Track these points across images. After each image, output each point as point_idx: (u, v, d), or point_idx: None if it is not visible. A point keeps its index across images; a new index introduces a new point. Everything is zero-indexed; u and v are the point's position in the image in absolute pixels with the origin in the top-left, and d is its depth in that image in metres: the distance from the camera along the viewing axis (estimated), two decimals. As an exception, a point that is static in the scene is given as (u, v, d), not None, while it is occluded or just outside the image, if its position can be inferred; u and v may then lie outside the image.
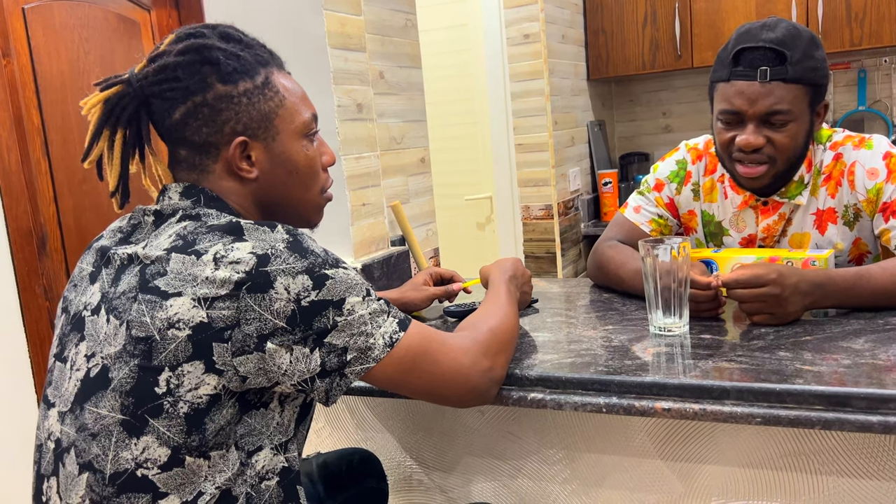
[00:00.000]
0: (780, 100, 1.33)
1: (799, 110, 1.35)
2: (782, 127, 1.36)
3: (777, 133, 1.36)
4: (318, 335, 0.91)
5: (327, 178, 1.14)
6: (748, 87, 1.35)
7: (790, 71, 1.32)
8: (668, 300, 1.23)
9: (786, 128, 1.36)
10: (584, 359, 1.16)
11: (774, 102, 1.33)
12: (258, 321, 0.88)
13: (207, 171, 1.03)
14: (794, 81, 1.33)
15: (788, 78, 1.32)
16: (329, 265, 0.93)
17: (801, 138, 1.39)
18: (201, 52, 1.00)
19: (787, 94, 1.33)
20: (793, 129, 1.36)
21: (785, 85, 1.33)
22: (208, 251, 0.91)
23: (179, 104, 1.00)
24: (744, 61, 1.35)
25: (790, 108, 1.34)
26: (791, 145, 1.37)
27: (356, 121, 1.60)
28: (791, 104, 1.34)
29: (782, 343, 1.14)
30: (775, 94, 1.33)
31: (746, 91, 1.35)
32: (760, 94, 1.34)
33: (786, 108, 1.34)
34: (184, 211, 1.00)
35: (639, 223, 1.62)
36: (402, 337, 0.96)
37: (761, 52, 1.33)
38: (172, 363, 0.87)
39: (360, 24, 1.61)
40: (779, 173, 1.41)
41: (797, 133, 1.37)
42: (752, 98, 1.34)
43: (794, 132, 1.36)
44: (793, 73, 1.32)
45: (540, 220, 3.11)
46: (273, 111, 1.04)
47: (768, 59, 1.33)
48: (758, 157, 1.38)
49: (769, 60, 1.33)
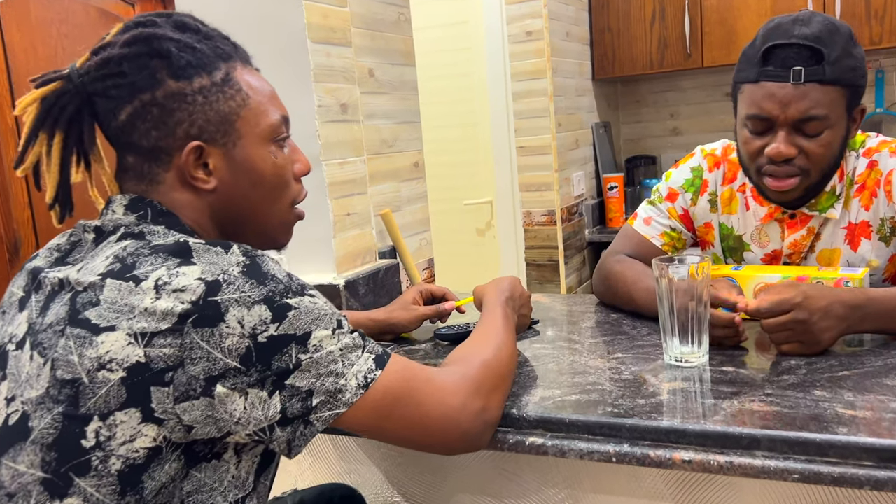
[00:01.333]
0: (817, 104, 1.18)
1: (836, 116, 1.21)
2: (817, 135, 1.21)
3: (811, 142, 1.22)
4: (279, 376, 0.77)
5: (300, 189, 1.00)
6: (780, 89, 1.20)
7: (828, 71, 1.17)
8: (686, 327, 1.09)
9: (821, 136, 1.21)
10: (591, 396, 1.02)
11: (810, 107, 1.19)
12: (206, 361, 0.75)
13: (157, 180, 0.89)
14: (831, 83, 1.18)
15: (826, 79, 1.18)
16: (292, 293, 0.80)
17: (837, 147, 1.24)
18: (150, 42, 0.86)
19: (824, 98, 1.19)
20: (828, 137, 1.22)
21: (822, 87, 1.18)
22: (149, 277, 0.77)
23: (125, 103, 0.86)
24: (775, 60, 1.20)
25: (827, 112, 1.19)
26: (826, 155, 1.23)
27: (340, 122, 1.45)
28: (828, 109, 1.19)
29: (817, 379, 1.00)
30: (811, 97, 1.18)
31: (778, 94, 1.20)
32: (794, 97, 1.19)
33: (822, 114, 1.19)
34: (126, 228, 0.86)
35: (649, 236, 1.47)
36: (379, 377, 0.83)
37: (795, 49, 1.19)
38: (103, 411, 0.74)
39: (346, 16, 1.47)
40: (811, 185, 1.27)
41: (832, 141, 1.22)
42: (785, 102, 1.20)
43: (829, 140, 1.22)
44: (831, 73, 1.18)
45: (542, 226, 2.97)
46: (234, 112, 0.90)
47: (803, 57, 1.18)
48: (789, 168, 1.24)
49: (804, 59, 1.18)
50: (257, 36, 1.38)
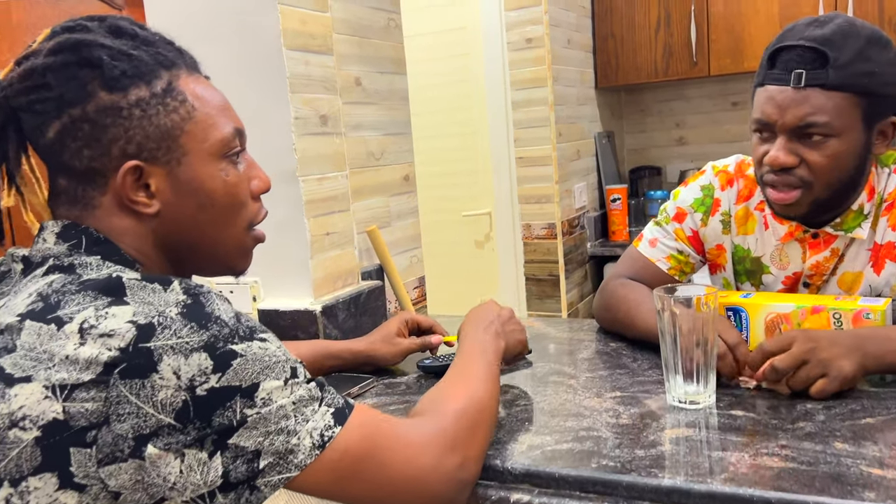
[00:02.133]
0: (818, 110, 1.09)
1: (843, 124, 1.10)
2: (820, 144, 1.11)
3: (813, 151, 1.12)
4: (220, 435, 0.67)
5: (258, 209, 0.89)
6: (779, 93, 1.11)
7: (832, 75, 1.08)
8: (691, 364, 0.99)
9: (825, 145, 1.11)
10: (585, 444, 0.91)
11: (809, 112, 1.09)
12: (135, 417, 0.65)
13: (93, 205, 0.79)
14: (836, 88, 1.08)
15: (829, 84, 1.08)
16: (239, 338, 0.70)
17: (848, 160, 1.13)
18: (79, 50, 0.76)
19: (827, 104, 1.09)
20: (834, 147, 1.11)
21: (825, 92, 1.08)
22: (73, 319, 0.67)
23: (52, 119, 0.76)
24: (780, 62, 1.12)
25: (829, 120, 1.09)
26: (830, 167, 1.12)
27: (319, 135, 1.36)
28: (831, 116, 1.09)
29: (836, 427, 0.90)
30: (811, 102, 1.09)
31: (777, 98, 1.11)
32: (793, 101, 1.10)
33: (822, 121, 1.09)
34: (55, 259, 0.76)
35: (654, 259, 1.37)
36: (338, 434, 0.72)
37: (799, 51, 1.10)
38: (14, 476, 0.64)
39: (327, 21, 1.37)
40: (818, 200, 1.16)
41: (840, 153, 1.12)
42: (783, 106, 1.11)
43: (835, 151, 1.11)
44: (835, 77, 1.08)
45: (542, 239, 2.86)
46: (177, 126, 0.80)
47: (806, 60, 1.09)
48: (788, 178, 1.14)
49: (807, 62, 1.09)
50: (229, 43, 1.28)
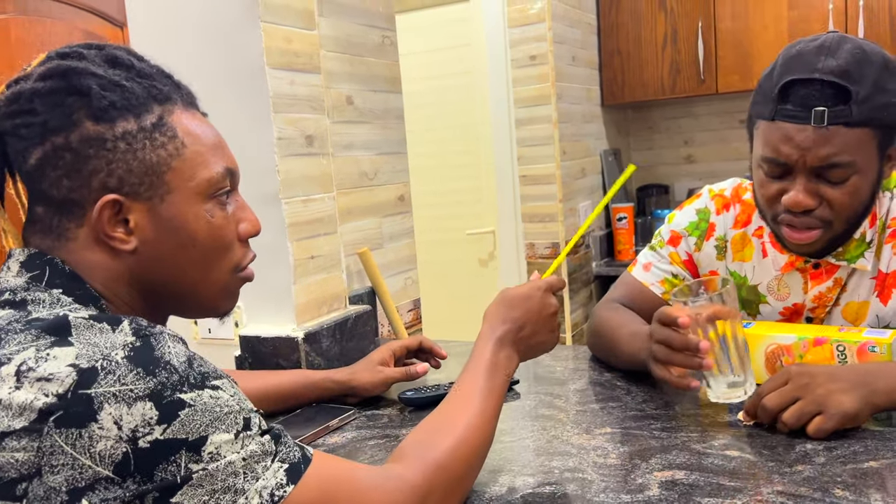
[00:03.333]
0: (842, 149, 1.01)
1: (865, 160, 1.04)
2: (842, 182, 1.04)
3: (835, 190, 1.05)
4: (162, 492, 0.62)
5: (245, 253, 0.85)
6: (799, 132, 1.03)
7: (855, 112, 1.00)
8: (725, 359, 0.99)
9: (846, 183, 1.04)
10: (569, 487, 0.86)
11: (834, 153, 1.02)
12: (70, 469, 0.60)
13: (67, 237, 0.76)
14: (860, 125, 1.01)
15: (853, 121, 1.00)
16: (188, 386, 0.65)
17: (866, 193, 1.07)
18: (68, 77, 0.73)
19: (851, 142, 1.01)
20: (855, 184, 1.05)
21: (848, 130, 1.01)
22: (12, 360, 0.63)
23: (35, 146, 0.74)
24: (794, 98, 1.03)
25: (853, 158, 1.02)
26: (852, 204, 1.06)
27: (304, 156, 1.32)
28: (855, 153, 1.02)
29: (837, 472, 0.84)
30: (835, 141, 1.01)
31: (797, 137, 1.03)
32: (815, 141, 1.02)
33: (847, 160, 1.02)
34: (11, 293, 0.72)
35: (648, 283, 1.32)
36: (291, 493, 0.67)
37: (817, 86, 1.01)
38: (-61, 530, 0.59)
39: (314, 39, 1.34)
40: (836, 237, 1.11)
41: (860, 188, 1.06)
42: (805, 146, 1.03)
43: (856, 187, 1.05)
44: (859, 114, 1.00)
45: (546, 258, 2.81)
46: (164, 162, 0.76)
47: (826, 96, 1.01)
48: (809, 220, 1.07)
49: (828, 98, 1.01)
50: (210, 61, 1.25)
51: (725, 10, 2.87)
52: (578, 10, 2.93)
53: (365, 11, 1.62)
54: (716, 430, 0.98)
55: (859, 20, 2.67)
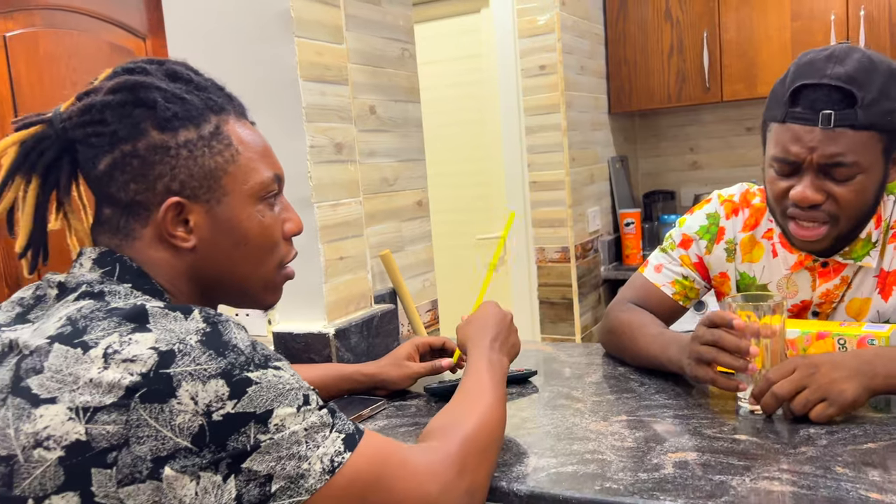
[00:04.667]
0: (847, 149, 1.09)
1: (869, 161, 1.11)
2: (848, 180, 1.12)
3: (841, 187, 1.13)
4: (234, 459, 0.70)
5: (289, 250, 0.94)
6: (807, 132, 1.11)
7: (861, 115, 1.08)
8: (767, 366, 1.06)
9: (852, 181, 1.12)
10: (590, 467, 0.93)
11: (839, 152, 1.10)
12: (154, 440, 0.68)
13: (133, 236, 0.84)
14: (865, 128, 1.09)
15: (858, 124, 1.08)
16: (254, 366, 0.73)
17: (871, 193, 1.15)
18: (136, 91, 0.82)
19: (856, 143, 1.09)
20: (861, 183, 1.12)
21: (854, 132, 1.09)
22: (99, 344, 0.71)
23: (105, 153, 0.82)
24: (803, 101, 1.11)
25: (858, 159, 1.10)
26: (857, 202, 1.14)
27: (334, 163, 1.40)
28: (860, 154, 1.10)
29: (839, 453, 0.91)
30: (840, 142, 1.09)
31: (805, 137, 1.11)
32: (822, 141, 1.10)
33: (852, 160, 1.10)
34: (87, 286, 0.80)
35: (659, 284, 1.39)
36: (348, 460, 0.75)
37: (825, 91, 1.09)
38: (38, 494, 0.67)
39: (342, 53, 1.42)
40: (842, 234, 1.18)
41: (866, 187, 1.13)
42: (812, 146, 1.11)
43: (861, 186, 1.13)
44: (864, 118, 1.08)
45: (556, 263, 2.88)
46: (221, 168, 0.84)
47: (834, 100, 1.09)
48: (816, 214, 1.15)
49: (835, 102, 1.09)
50: (247, 73, 1.33)
51: (730, 20, 2.95)
52: (586, 21, 3.01)
53: (386, 25, 1.70)
54: (725, 417, 1.06)
55: (860, 30, 2.75)
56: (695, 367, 1.09)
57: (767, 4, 2.88)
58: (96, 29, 2.61)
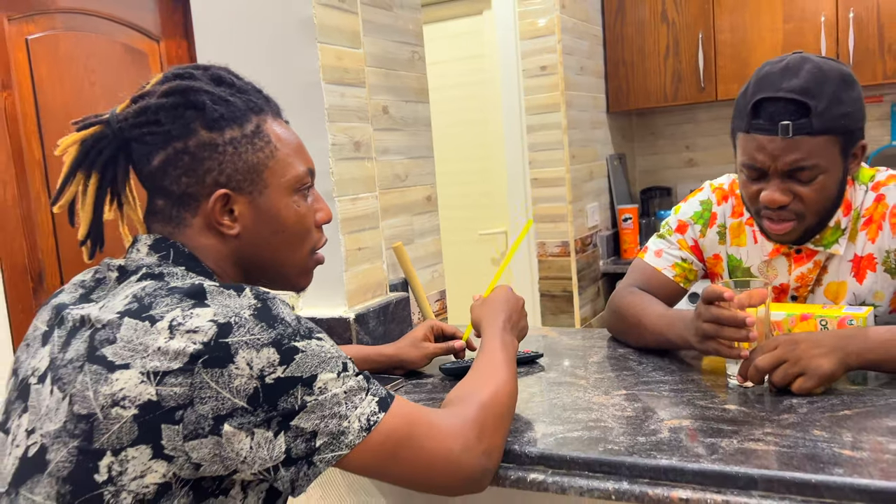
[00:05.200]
0: (807, 155, 1.21)
1: (829, 162, 1.23)
2: (811, 181, 1.24)
3: (805, 188, 1.24)
4: (284, 417, 0.80)
5: (320, 237, 1.04)
6: (769, 142, 1.22)
7: (815, 123, 1.19)
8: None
9: (815, 182, 1.24)
10: (593, 433, 1.03)
11: (799, 158, 1.21)
12: (215, 400, 0.77)
13: (184, 224, 0.94)
14: (820, 133, 1.20)
15: (814, 131, 1.20)
16: (300, 336, 0.83)
17: (833, 189, 1.26)
18: (186, 94, 0.92)
19: (814, 148, 1.21)
20: (822, 182, 1.24)
21: (811, 139, 1.20)
22: (164, 317, 0.80)
23: (159, 150, 0.91)
24: (763, 114, 1.22)
25: (817, 161, 1.21)
26: (820, 198, 1.25)
27: (353, 160, 1.50)
28: (818, 157, 1.21)
29: (817, 419, 1.01)
30: (800, 149, 1.20)
31: (768, 147, 1.22)
32: (783, 149, 1.21)
33: (812, 164, 1.21)
34: (147, 269, 0.90)
35: (661, 268, 1.49)
36: (382, 419, 0.85)
37: (782, 103, 1.20)
38: (115, 447, 0.77)
39: (360, 57, 1.52)
40: (810, 227, 1.30)
41: (827, 185, 1.25)
42: (775, 154, 1.22)
43: (823, 185, 1.24)
44: (818, 125, 1.19)
45: (556, 257, 2.99)
46: (262, 163, 0.94)
47: (790, 111, 1.20)
48: (784, 213, 1.27)
49: (791, 113, 1.20)
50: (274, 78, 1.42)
51: (724, 22, 3.05)
52: (586, 23, 3.11)
53: (398, 29, 1.80)
54: (716, 391, 1.16)
55: (849, 31, 2.85)
56: (701, 341, 1.19)
57: (760, 7, 2.99)
58: (112, 31, 2.70)
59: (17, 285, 2.25)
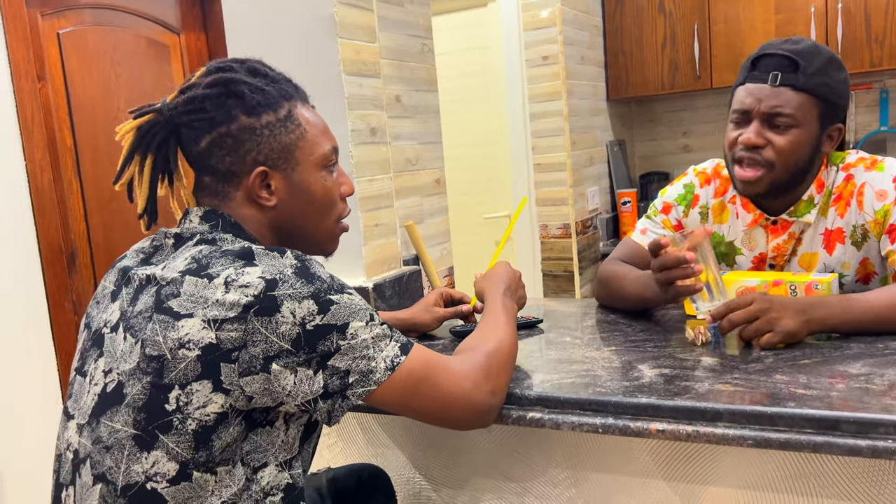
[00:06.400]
0: (787, 103, 1.38)
1: (804, 119, 1.39)
2: (785, 130, 1.39)
3: (778, 136, 1.40)
4: (322, 358, 0.95)
5: (345, 207, 1.18)
6: (758, 89, 1.40)
7: (800, 80, 1.37)
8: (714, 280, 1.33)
9: (788, 132, 1.39)
10: (585, 379, 1.19)
11: (780, 104, 1.38)
12: (264, 343, 0.92)
13: (229, 197, 1.08)
14: (803, 90, 1.37)
15: (798, 86, 1.37)
16: (334, 291, 0.97)
17: (805, 150, 1.41)
18: (228, 85, 1.06)
19: (794, 100, 1.38)
20: (795, 135, 1.40)
21: (794, 92, 1.38)
22: (220, 275, 0.95)
23: (206, 134, 1.05)
24: (760, 66, 1.41)
25: (794, 112, 1.38)
26: (791, 150, 1.40)
27: (370, 144, 1.65)
28: (796, 110, 1.38)
29: (780, 367, 1.16)
30: (782, 97, 1.38)
31: (756, 92, 1.40)
32: (769, 95, 1.39)
33: (790, 112, 1.38)
34: (201, 235, 1.04)
35: (644, 244, 1.64)
36: (404, 361, 1.00)
37: (777, 58, 1.39)
38: (182, 382, 0.92)
39: (376, 51, 1.66)
40: (777, 182, 1.43)
41: (800, 141, 1.40)
42: (759, 98, 1.40)
43: (796, 138, 1.40)
44: (803, 81, 1.37)
45: (558, 238, 3.13)
46: (294, 143, 1.08)
47: (782, 65, 1.38)
48: (756, 157, 1.42)
49: (783, 67, 1.38)
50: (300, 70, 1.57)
51: (719, 13, 3.19)
52: (586, 15, 3.25)
53: (409, 24, 1.95)
54: (693, 348, 1.30)
55: (838, 21, 2.98)
56: (664, 291, 1.35)
57: (753, -2, 3.12)
58: (136, 25, 2.84)
59: (53, 265, 2.41)
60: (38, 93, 2.43)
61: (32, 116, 2.41)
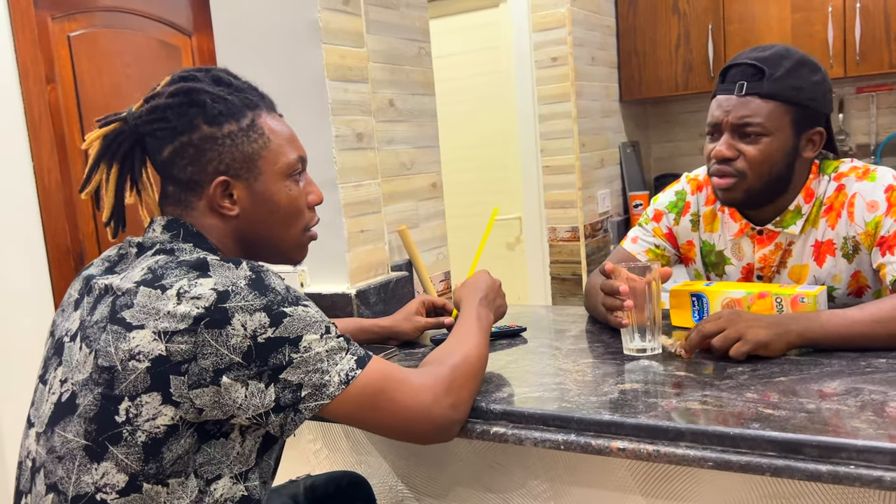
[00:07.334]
0: (754, 113, 1.35)
1: (774, 127, 1.36)
2: (756, 140, 1.37)
3: (749, 145, 1.38)
4: (273, 371, 0.94)
5: (312, 216, 1.18)
6: (726, 101, 1.38)
7: (766, 86, 1.34)
8: (642, 323, 1.28)
9: (759, 141, 1.37)
10: (553, 393, 1.17)
11: (747, 114, 1.36)
12: (215, 356, 0.92)
13: (191, 207, 1.08)
14: (769, 97, 1.35)
15: (763, 93, 1.35)
16: (288, 303, 0.97)
17: (779, 157, 1.38)
18: (190, 94, 1.06)
19: (762, 109, 1.35)
20: (766, 144, 1.37)
21: (761, 100, 1.35)
22: (173, 286, 0.95)
23: (168, 143, 1.06)
24: (728, 77, 1.40)
25: (763, 122, 1.35)
26: (761, 160, 1.37)
27: (355, 150, 1.64)
28: (765, 119, 1.35)
29: (754, 383, 1.13)
30: (749, 106, 1.36)
31: (724, 104, 1.39)
32: (736, 106, 1.37)
33: (758, 122, 1.35)
34: (160, 245, 1.05)
35: (635, 253, 1.62)
36: (360, 374, 0.99)
37: (743, 67, 1.37)
38: (132, 393, 0.92)
39: (363, 55, 1.66)
40: (752, 190, 1.40)
41: (771, 150, 1.37)
42: (728, 109, 1.38)
43: (767, 148, 1.37)
44: (769, 88, 1.34)
45: (566, 241, 3.10)
46: (257, 152, 1.08)
47: (748, 74, 1.36)
48: (727, 168, 1.40)
49: (748, 76, 1.36)
50: (282, 75, 1.57)
51: (734, 12, 3.13)
52: (597, 15, 3.21)
53: (405, 27, 1.94)
54: (669, 361, 1.27)
55: (856, 20, 2.91)
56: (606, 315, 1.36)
57: (769, -3, 3.05)
58: (147, 28, 2.88)
59: (60, 265, 2.44)
60: (46, 94, 2.47)
61: (40, 118, 2.45)
